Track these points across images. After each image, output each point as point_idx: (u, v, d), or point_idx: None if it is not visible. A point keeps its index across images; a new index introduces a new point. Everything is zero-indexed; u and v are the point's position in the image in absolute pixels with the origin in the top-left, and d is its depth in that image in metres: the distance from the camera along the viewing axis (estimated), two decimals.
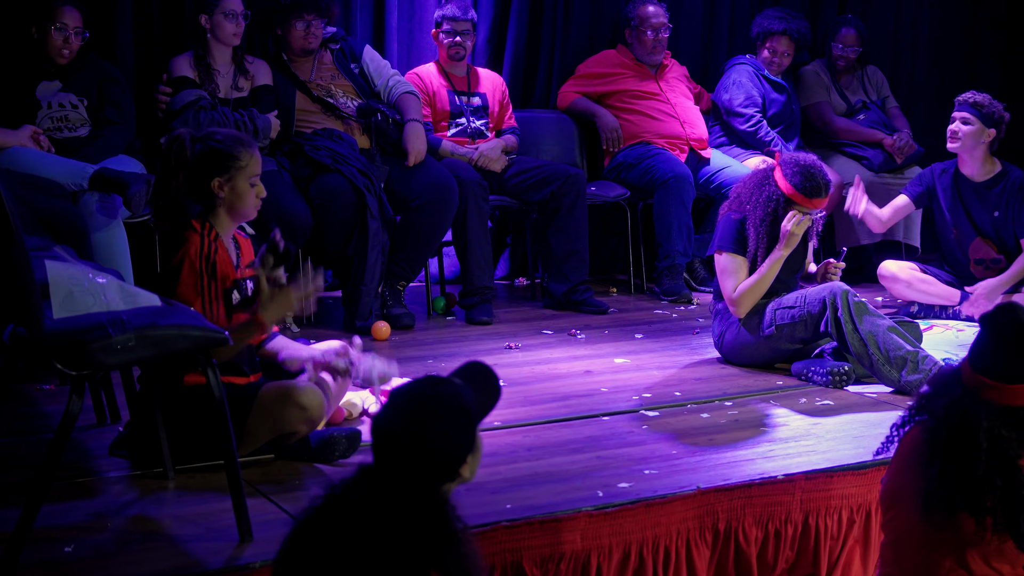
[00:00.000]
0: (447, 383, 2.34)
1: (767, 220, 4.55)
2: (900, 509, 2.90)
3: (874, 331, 4.36)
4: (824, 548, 3.58)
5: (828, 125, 6.72)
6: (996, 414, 2.71)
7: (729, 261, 4.60)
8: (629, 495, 3.36)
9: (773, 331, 4.56)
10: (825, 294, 4.45)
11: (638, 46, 6.36)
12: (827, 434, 3.96)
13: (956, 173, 5.63)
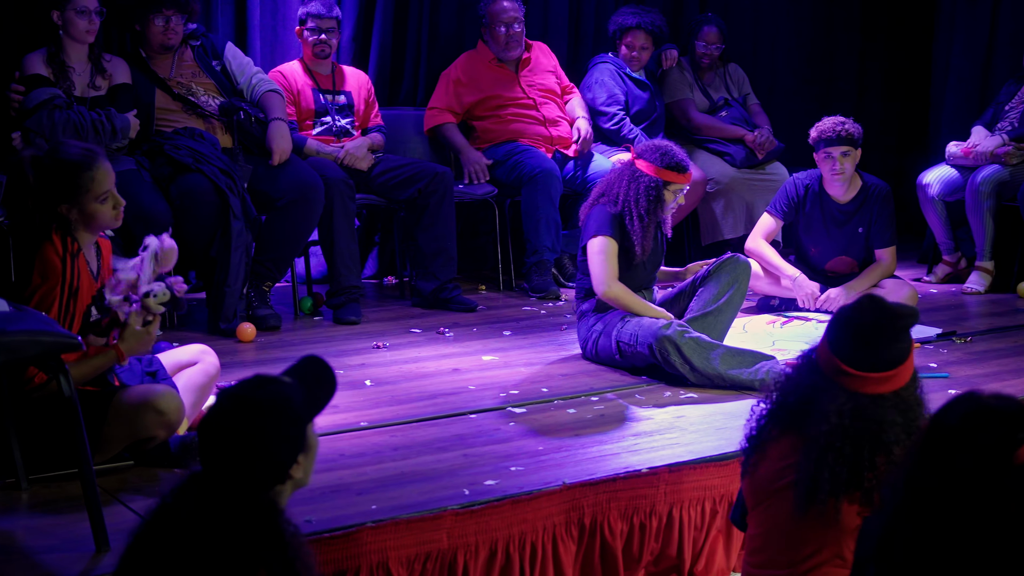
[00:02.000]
0: (273, 383, 2.31)
1: (651, 209, 4.62)
2: (773, 501, 2.95)
3: (707, 369, 4.42)
4: (688, 539, 3.64)
5: (691, 122, 6.83)
6: (851, 400, 2.78)
7: (609, 244, 4.63)
8: (495, 492, 3.37)
9: (619, 358, 4.64)
10: (651, 340, 4.46)
11: (493, 43, 6.37)
12: (691, 427, 4.03)
13: (821, 193, 5.70)
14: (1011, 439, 2.22)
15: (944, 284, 6.63)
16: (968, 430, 2.29)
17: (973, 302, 6.27)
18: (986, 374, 4.75)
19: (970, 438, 2.28)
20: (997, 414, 2.26)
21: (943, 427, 2.30)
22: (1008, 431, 2.23)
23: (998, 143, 6.46)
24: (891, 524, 2.33)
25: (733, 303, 4.76)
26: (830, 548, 2.83)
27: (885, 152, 7.88)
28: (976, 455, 2.25)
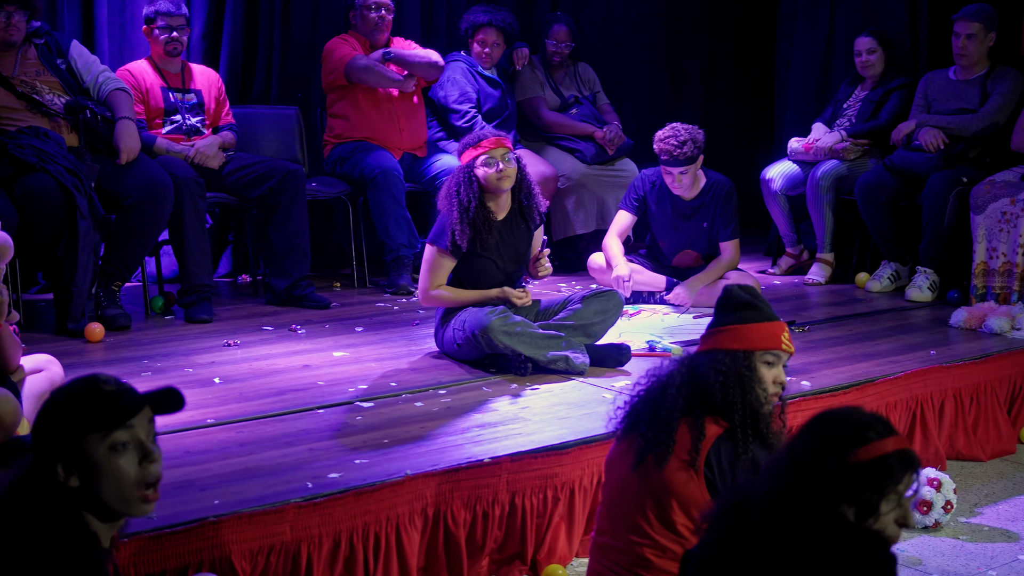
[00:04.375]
0: (83, 382, 2.27)
1: (471, 196, 4.66)
2: (615, 470, 3.13)
3: (532, 353, 4.57)
4: (531, 526, 3.74)
5: (542, 120, 6.95)
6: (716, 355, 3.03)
7: (435, 254, 4.71)
8: (338, 485, 3.42)
9: (455, 349, 4.73)
10: (476, 328, 4.57)
11: (362, 25, 6.40)
12: (534, 417, 4.13)
13: (663, 189, 5.88)
14: (856, 436, 2.35)
15: (788, 276, 6.88)
16: (818, 422, 2.42)
17: (814, 292, 6.52)
18: (819, 361, 4.96)
19: (818, 429, 2.41)
20: (849, 414, 2.40)
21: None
22: (854, 430, 2.36)
23: (837, 139, 6.73)
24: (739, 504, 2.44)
25: (592, 331, 4.85)
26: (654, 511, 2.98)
27: (732, 148, 8.12)
28: (818, 447, 2.37)
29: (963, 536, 4.16)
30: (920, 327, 5.69)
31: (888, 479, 2.31)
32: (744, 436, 2.95)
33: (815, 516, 2.29)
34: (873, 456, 2.30)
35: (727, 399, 2.97)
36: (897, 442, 2.34)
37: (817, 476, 2.30)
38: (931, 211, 6.21)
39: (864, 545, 2.30)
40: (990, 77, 6.39)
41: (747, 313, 3.03)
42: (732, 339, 3.02)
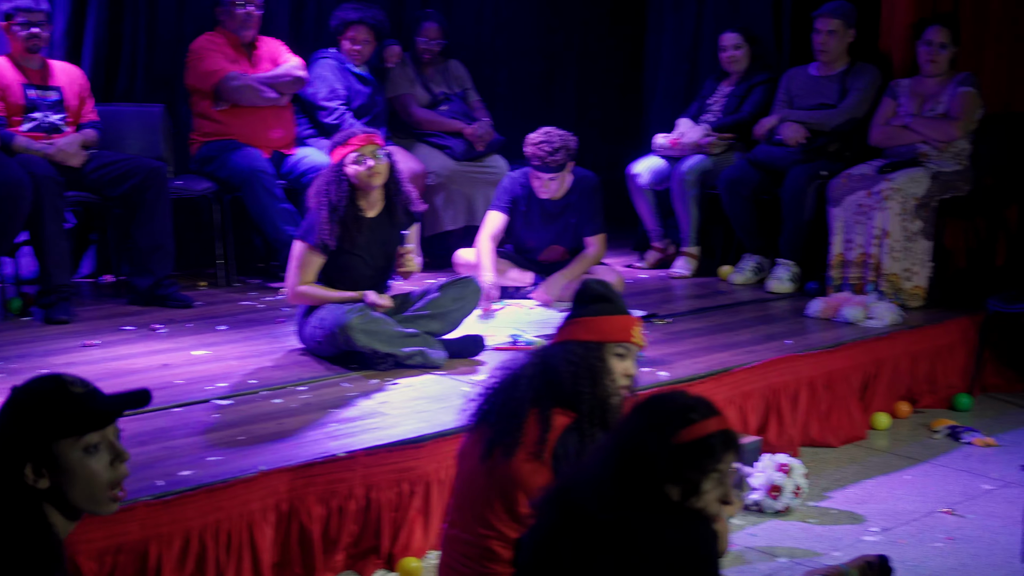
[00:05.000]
0: (46, 381, 2.25)
1: (341, 193, 4.68)
2: (465, 462, 3.17)
3: (389, 349, 4.61)
4: (387, 520, 3.76)
5: (411, 117, 6.96)
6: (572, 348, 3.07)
7: (306, 255, 4.70)
8: (190, 482, 3.41)
9: (315, 345, 4.74)
10: (334, 327, 4.59)
11: (229, 22, 6.33)
12: (393, 411, 4.15)
13: (530, 191, 5.91)
14: (679, 418, 2.42)
15: (655, 269, 6.99)
16: (643, 406, 2.49)
17: (680, 285, 6.64)
18: (679, 352, 5.06)
19: (643, 412, 2.47)
20: (672, 397, 2.48)
21: None
22: (677, 412, 2.43)
23: (702, 134, 6.86)
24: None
25: (450, 318, 4.90)
26: (510, 518, 3.01)
27: (601, 144, 8.22)
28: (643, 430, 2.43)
29: (812, 519, 4.29)
30: (779, 318, 5.84)
31: (710, 459, 2.39)
32: (591, 427, 3.01)
33: (640, 497, 2.36)
34: (696, 437, 2.38)
35: (576, 389, 3.02)
36: (719, 423, 2.42)
37: (641, 458, 2.37)
38: (791, 204, 6.37)
39: (686, 523, 2.37)
40: (849, 73, 6.57)
41: (600, 306, 3.09)
42: (585, 331, 3.08)
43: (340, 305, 4.64)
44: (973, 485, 4.64)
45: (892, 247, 5.90)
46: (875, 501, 4.47)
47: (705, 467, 2.38)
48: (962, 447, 5.10)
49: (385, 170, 4.74)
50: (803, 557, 3.93)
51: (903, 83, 6.34)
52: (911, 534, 4.15)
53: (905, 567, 3.81)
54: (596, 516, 2.36)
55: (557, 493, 2.47)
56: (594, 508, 2.37)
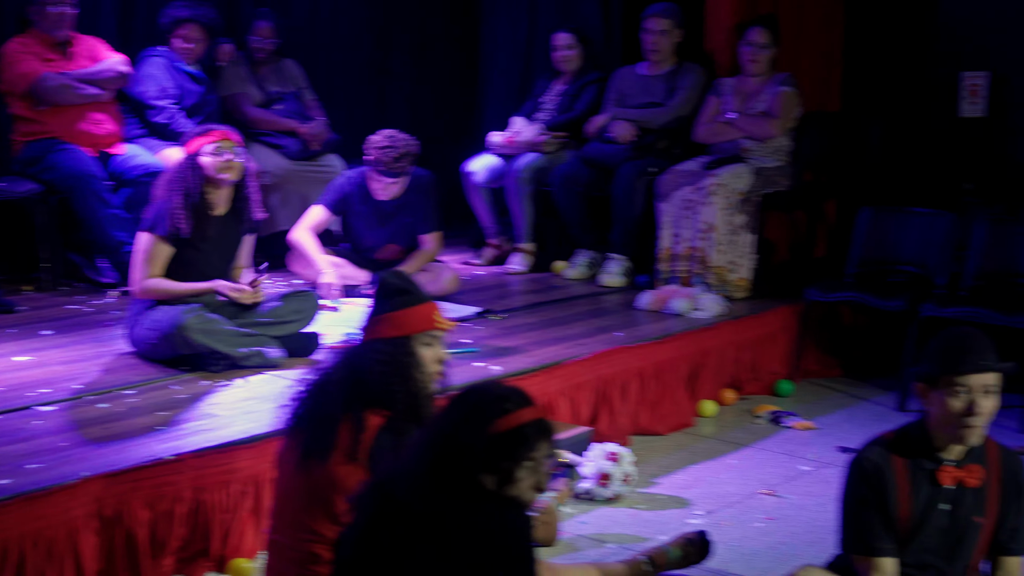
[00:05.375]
0: None
1: (196, 183, 4.65)
2: (283, 469, 3.15)
3: (226, 350, 4.59)
4: (217, 522, 3.74)
5: (245, 116, 6.89)
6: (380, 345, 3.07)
7: (152, 242, 4.63)
8: (7, 491, 3.33)
9: (149, 348, 4.68)
10: (170, 328, 4.55)
11: (42, 22, 6.14)
12: (223, 412, 4.13)
13: (366, 190, 5.94)
14: (494, 409, 2.47)
15: (491, 266, 7.07)
16: (459, 398, 2.54)
17: (515, 281, 6.73)
18: (513, 346, 5.14)
19: (458, 404, 2.53)
20: (487, 388, 2.53)
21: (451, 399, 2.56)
22: (491, 403, 2.49)
23: (536, 132, 6.97)
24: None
25: (288, 328, 4.88)
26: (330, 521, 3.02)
27: (437, 142, 8.25)
28: (458, 421, 2.48)
29: (640, 505, 4.41)
30: (610, 311, 5.98)
31: (524, 448, 2.45)
32: (406, 423, 3.03)
33: (455, 487, 2.41)
34: (510, 427, 2.44)
35: (388, 388, 3.04)
36: (533, 412, 2.49)
37: (456, 449, 2.42)
38: (621, 200, 6.52)
39: (501, 510, 2.43)
40: (676, 72, 6.75)
41: (401, 299, 3.12)
42: (390, 327, 3.10)
43: (175, 306, 4.59)
44: (792, 467, 4.84)
45: (717, 240, 6.09)
46: (700, 485, 4.62)
47: (519, 456, 2.44)
48: (783, 431, 5.31)
49: (239, 169, 4.75)
50: (631, 543, 4.04)
51: (727, 82, 6.54)
52: (733, 516, 4.31)
53: (727, 547, 3.96)
54: (412, 508, 2.40)
55: (374, 488, 2.50)
56: (410, 500, 2.41)
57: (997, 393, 3.00)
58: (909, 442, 3.10)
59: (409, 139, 5.80)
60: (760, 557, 3.95)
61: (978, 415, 2.97)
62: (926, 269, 5.94)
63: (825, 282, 6.02)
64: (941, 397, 3.00)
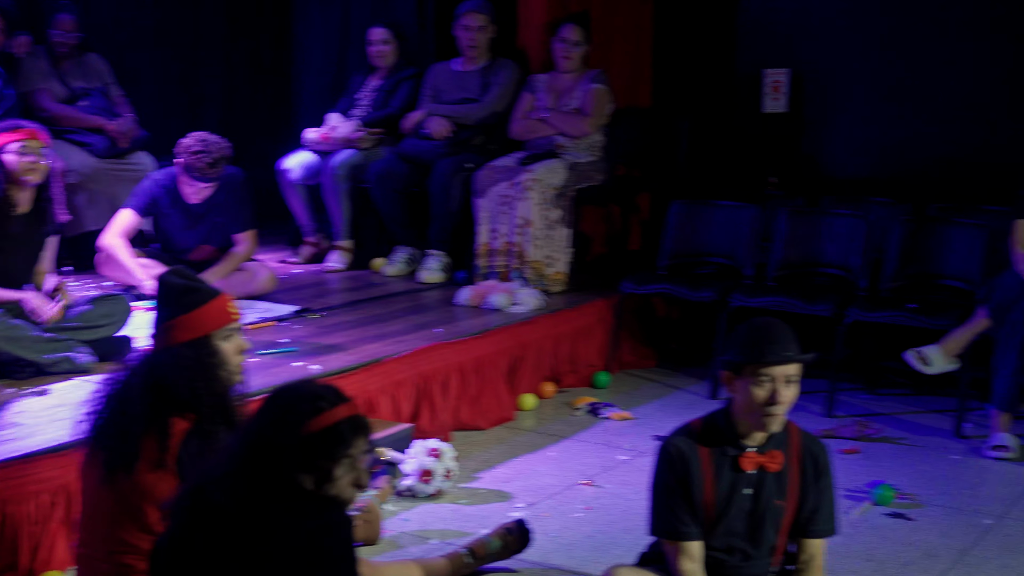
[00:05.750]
0: None
1: None
2: (87, 482, 3.06)
3: (29, 356, 4.47)
4: (25, 535, 3.61)
5: (46, 112, 6.64)
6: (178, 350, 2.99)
7: None
8: None
9: None
10: None
11: None
12: (30, 421, 4.00)
13: (176, 193, 5.81)
14: (308, 407, 2.45)
15: (309, 264, 7.01)
16: (271, 398, 2.51)
17: (334, 279, 6.69)
18: (332, 345, 5.12)
19: (271, 404, 2.50)
20: (300, 387, 2.50)
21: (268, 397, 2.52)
22: (305, 402, 2.46)
23: (352, 128, 6.93)
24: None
25: (99, 333, 4.75)
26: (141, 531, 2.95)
27: (250, 139, 8.13)
28: (272, 422, 2.45)
29: (462, 500, 4.44)
30: (430, 307, 6.00)
31: (341, 445, 2.45)
32: (213, 426, 2.97)
33: (272, 489, 2.39)
34: (325, 425, 2.43)
35: (194, 392, 2.97)
36: (348, 409, 2.49)
37: (272, 450, 2.40)
38: (439, 196, 6.54)
39: (321, 511, 2.43)
40: (490, 68, 6.80)
41: (190, 298, 3.03)
42: (186, 330, 3.00)
43: None
44: (610, 457, 4.95)
45: (534, 235, 6.17)
46: (521, 478, 4.68)
47: (337, 454, 2.43)
48: (601, 422, 5.43)
49: (45, 170, 4.64)
50: (454, 538, 4.07)
51: (540, 78, 6.63)
52: (553, 507, 4.38)
53: (548, 538, 4.03)
54: (229, 512, 2.38)
55: (189, 493, 2.46)
56: (227, 504, 2.38)
57: (798, 382, 3.13)
58: (714, 429, 3.21)
59: (222, 142, 5.70)
60: (580, 547, 4.03)
61: (780, 403, 3.10)
62: (734, 260, 6.15)
63: (639, 275, 6.17)
64: (745, 386, 3.11)
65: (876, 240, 5.83)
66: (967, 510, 4.40)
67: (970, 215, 5.84)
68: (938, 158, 6.42)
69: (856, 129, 6.68)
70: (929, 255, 5.74)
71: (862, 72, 6.63)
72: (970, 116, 6.33)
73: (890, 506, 4.40)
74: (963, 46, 6.34)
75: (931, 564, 3.92)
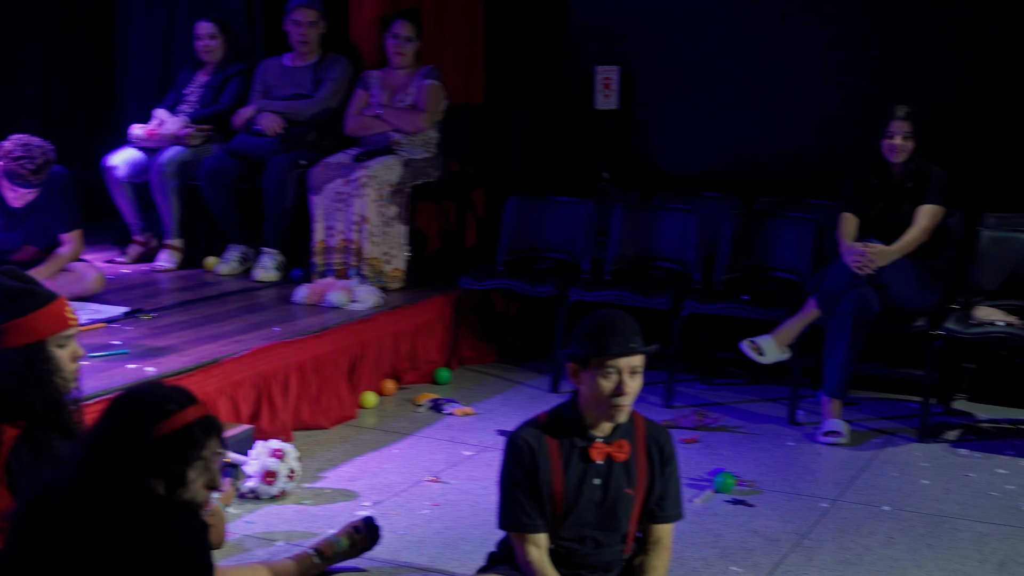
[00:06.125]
0: None
1: None
2: None
3: None
4: None
5: None
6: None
7: None
8: None
9: None
10: None
11: None
12: None
13: None
14: (157, 411, 2.36)
15: (138, 264, 6.79)
16: (117, 403, 2.40)
17: (165, 279, 6.50)
18: (166, 346, 4.96)
19: (117, 409, 2.39)
20: (147, 390, 2.40)
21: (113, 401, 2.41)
22: (153, 405, 2.37)
23: (180, 125, 6.75)
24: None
25: None
26: None
27: (73, 137, 7.85)
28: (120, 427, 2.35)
29: (307, 501, 4.36)
30: (267, 306, 5.88)
31: (193, 447, 2.37)
32: (45, 431, 2.84)
33: (123, 497, 2.30)
34: (176, 427, 2.35)
35: (25, 398, 2.83)
36: (199, 410, 2.41)
37: (121, 456, 2.31)
38: (272, 194, 6.42)
39: (174, 517, 2.34)
40: (321, 64, 6.71)
41: (25, 302, 2.90)
42: (19, 334, 2.87)
43: None
44: (455, 452, 4.93)
45: (371, 232, 6.11)
46: (366, 477, 4.63)
47: (189, 456, 2.36)
48: (444, 418, 5.41)
49: None
50: (300, 539, 3.99)
51: (374, 74, 6.57)
52: (400, 504, 4.35)
53: (396, 536, 3.99)
54: (77, 522, 2.27)
55: (30, 503, 2.34)
56: (74, 514, 2.28)
57: (642, 372, 3.17)
58: (561, 421, 3.22)
59: (45, 145, 5.45)
60: (429, 544, 4.00)
61: (626, 394, 3.13)
62: (571, 255, 6.20)
63: (477, 270, 6.17)
64: (591, 377, 3.13)
65: (709, 234, 5.97)
66: (804, 495, 4.54)
67: (798, 209, 6.03)
68: (766, 154, 6.60)
69: (686, 125, 6.82)
70: (760, 248, 5.91)
71: (691, 69, 6.77)
72: (797, 112, 6.52)
73: (731, 493, 4.50)
74: (788, 44, 6.53)
75: (773, 548, 4.03)
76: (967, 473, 4.82)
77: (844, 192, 5.51)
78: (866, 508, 4.41)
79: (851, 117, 6.33)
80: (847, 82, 6.39)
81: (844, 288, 5.18)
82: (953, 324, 5.23)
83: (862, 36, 6.35)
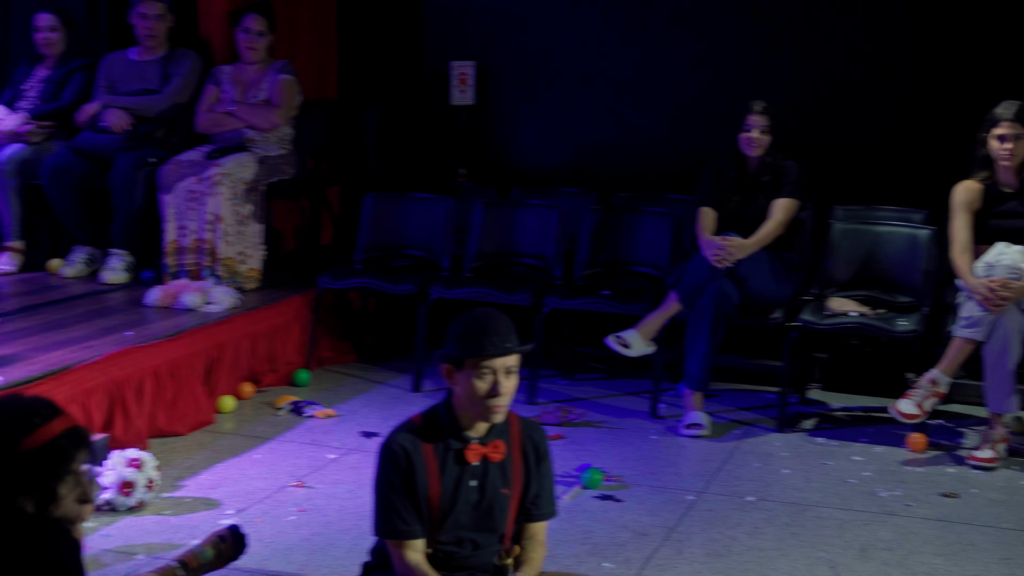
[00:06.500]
0: None
1: None
2: None
3: None
4: None
5: None
6: None
7: None
8: None
9: None
10: None
11: None
12: None
13: None
14: (21, 425, 2.23)
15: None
16: None
17: (5, 283, 6.23)
18: (11, 354, 4.74)
19: None
20: (9, 403, 2.27)
21: None
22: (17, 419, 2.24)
23: (20, 121, 6.48)
24: None
25: None
26: None
27: None
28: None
29: (167, 511, 4.22)
30: (117, 309, 5.69)
31: (63, 461, 2.25)
32: None
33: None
34: (43, 441, 2.23)
35: None
36: (65, 422, 2.29)
37: None
38: (120, 193, 6.20)
39: (46, 537, 2.22)
40: (170, 59, 6.51)
41: None
42: None
43: None
44: (319, 456, 4.84)
45: (226, 231, 5.96)
46: (228, 484, 4.50)
47: (59, 471, 2.23)
48: (305, 421, 5.30)
49: None
50: (162, 551, 3.86)
51: (225, 70, 6.41)
52: (265, 511, 4.23)
53: (263, 544, 3.89)
54: None
55: None
56: None
57: (517, 372, 3.13)
58: (436, 424, 3.16)
59: None
60: (297, 550, 3.91)
61: (502, 395, 3.09)
62: (431, 252, 6.15)
63: (336, 269, 6.06)
64: (467, 378, 3.08)
65: (568, 229, 5.98)
66: (670, 488, 4.58)
67: (656, 203, 6.09)
68: (624, 148, 6.64)
69: (543, 121, 6.82)
70: (620, 243, 5.94)
71: (548, 64, 6.78)
72: (653, 107, 6.58)
73: (599, 488, 4.52)
74: (645, 38, 6.58)
75: (644, 542, 4.04)
76: (825, 461, 4.93)
77: (702, 187, 5.58)
78: (731, 499, 4.47)
79: (707, 112, 6.42)
80: (703, 77, 6.48)
81: (704, 281, 5.24)
82: (809, 315, 5.34)
83: (718, 32, 6.44)
